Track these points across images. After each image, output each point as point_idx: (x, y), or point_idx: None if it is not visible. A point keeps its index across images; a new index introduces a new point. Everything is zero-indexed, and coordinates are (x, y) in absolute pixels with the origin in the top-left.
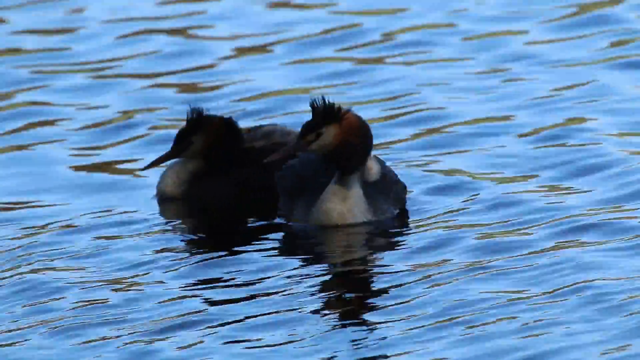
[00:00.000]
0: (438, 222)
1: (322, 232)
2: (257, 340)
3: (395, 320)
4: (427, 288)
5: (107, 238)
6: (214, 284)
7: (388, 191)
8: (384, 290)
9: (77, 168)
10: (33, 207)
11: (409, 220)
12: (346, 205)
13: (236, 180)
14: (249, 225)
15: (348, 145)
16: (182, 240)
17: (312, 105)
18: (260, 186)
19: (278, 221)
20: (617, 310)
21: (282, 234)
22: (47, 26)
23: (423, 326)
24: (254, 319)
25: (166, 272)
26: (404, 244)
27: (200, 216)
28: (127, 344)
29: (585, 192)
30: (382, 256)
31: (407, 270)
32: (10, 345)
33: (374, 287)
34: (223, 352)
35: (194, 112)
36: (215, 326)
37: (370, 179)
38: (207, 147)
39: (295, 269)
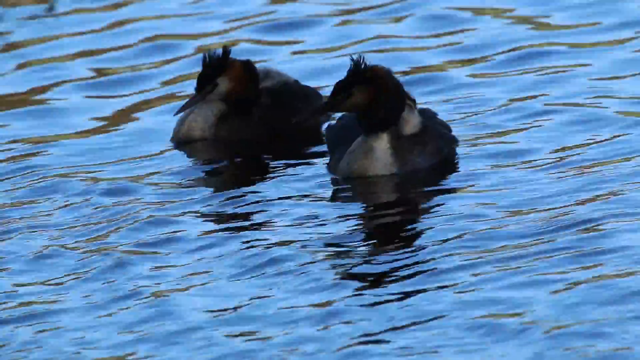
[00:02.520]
0: (469, 185)
1: (346, 183)
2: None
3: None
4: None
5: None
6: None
7: (424, 144)
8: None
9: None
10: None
11: (439, 176)
12: (368, 158)
13: (263, 120)
14: (277, 170)
15: (378, 104)
16: (211, 181)
17: (349, 65)
18: (286, 126)
19: (307, 167)
20: None
21: (308, 182)
22: None
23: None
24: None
25: (198, 214)
26: (417, 203)
27: (229, 156)
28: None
29: None
30: (397, 212)
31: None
32: None
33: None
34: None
35: (217, 54)
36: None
37: (407, 131)
38: (231, 89)
39: (303, 218)
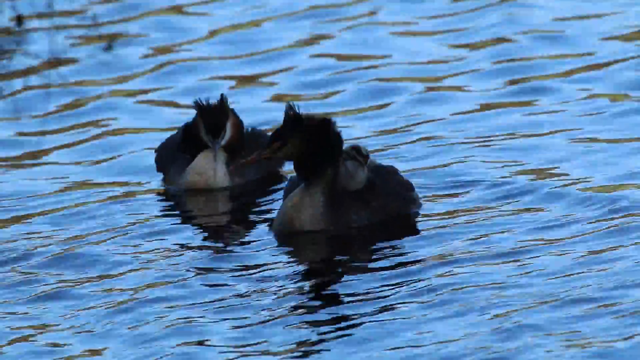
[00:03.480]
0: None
1: (279, 238)
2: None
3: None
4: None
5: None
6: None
7: (367, 201)
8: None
9: None
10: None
11: (379, 234)
12: (299, 211)
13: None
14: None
15: (312, 153)
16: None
17: (285, 113)
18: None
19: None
20: None
21: (254, 238)
22: None
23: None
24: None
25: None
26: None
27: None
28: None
29: None
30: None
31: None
32: None
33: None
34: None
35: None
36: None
37: (350, 187)
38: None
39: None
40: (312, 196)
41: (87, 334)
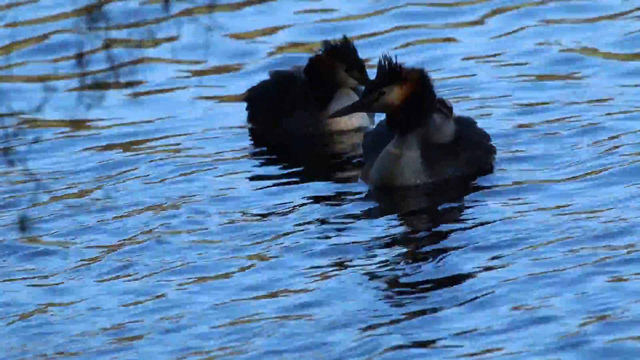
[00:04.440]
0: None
1: (375, 192)
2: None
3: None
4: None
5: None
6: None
7: (456, 153)
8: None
9: None
10: None
11: (471, 187)
12: (397, 166)
13: None
14: (310, 176)
15: (409, 105)
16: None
17: (378, 64)
18: None
19: (342, 173)
20: None
21: (340, 191)
22: None
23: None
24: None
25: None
26: (444, 214)
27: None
28: None
29: None
30: (423, 221)
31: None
32: None
33: (394, 255)
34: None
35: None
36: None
37: (440, 140)
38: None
39: (323, 225)
40: (410, 150)
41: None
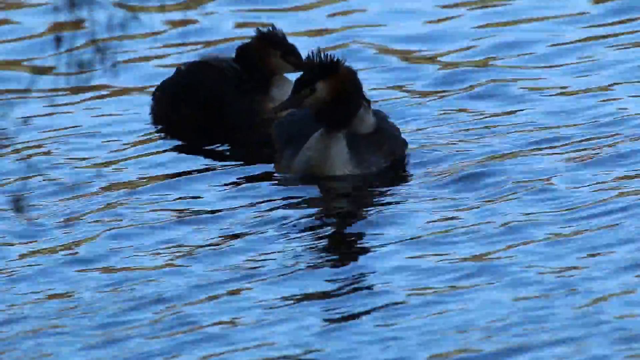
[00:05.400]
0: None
1: (302, 182)
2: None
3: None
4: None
5: None
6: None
7: (379, 144)
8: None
9: None
10: None
11: (395, 175)
12: (326, 156)
13: None
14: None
15: (340, 100)
16: None
17: (307, 59)
18: None
19: (266, 169)
20: None
21: (265, 182)
22: None
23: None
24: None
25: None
26: (378, 200)
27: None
28: None
29: None
30: (352, 211)
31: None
32: None
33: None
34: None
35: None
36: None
37: (362, 131)
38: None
39: (257, 216)
40: (337, 141)
41: None
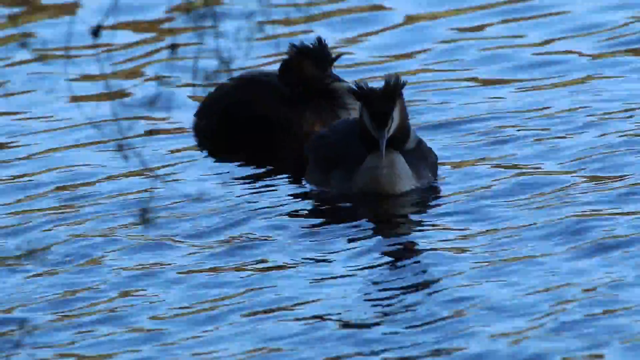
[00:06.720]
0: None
1: (365, 199)
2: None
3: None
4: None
5: None
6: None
7: (425, 158)
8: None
9: None
10: None
11: (448, 187)
12: (394, 173)
13: None
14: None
15: (404, 121)
16: None
17: (385, 85)
18: None
19: (311, 188)
20: None
21: (318, 202)
22: None
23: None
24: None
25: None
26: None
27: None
28: None
29: None
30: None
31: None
32: None
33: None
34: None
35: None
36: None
37: (408, 146)
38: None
39: (345, 237)
40: (400, 158)
41: None
